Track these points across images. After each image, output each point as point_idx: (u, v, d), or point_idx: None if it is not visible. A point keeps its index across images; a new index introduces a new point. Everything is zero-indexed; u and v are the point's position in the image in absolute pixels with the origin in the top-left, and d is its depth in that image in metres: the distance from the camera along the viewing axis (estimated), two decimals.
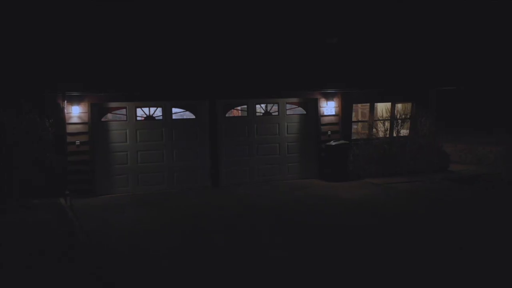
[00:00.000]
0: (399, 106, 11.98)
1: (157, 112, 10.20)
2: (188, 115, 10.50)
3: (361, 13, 12.29)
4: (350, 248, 5.97)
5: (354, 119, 11.76)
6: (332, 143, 10.86)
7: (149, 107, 10.15)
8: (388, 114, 11.84)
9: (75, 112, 9.43)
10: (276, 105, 11.04)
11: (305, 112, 11.25)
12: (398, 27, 12.30)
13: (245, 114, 11.02)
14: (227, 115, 10.77)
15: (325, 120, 11.19)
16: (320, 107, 11.13)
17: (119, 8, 10.06)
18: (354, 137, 11.59)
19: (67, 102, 9.24)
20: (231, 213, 8.15)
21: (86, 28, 9.67)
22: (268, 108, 11.03)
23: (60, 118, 9.25)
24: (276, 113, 11.06)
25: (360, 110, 12.45)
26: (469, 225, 7.03)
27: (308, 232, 6.78)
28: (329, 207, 8.44)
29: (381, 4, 12.50)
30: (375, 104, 11.85)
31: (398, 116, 11.85)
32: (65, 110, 9.27)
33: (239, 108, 11.13)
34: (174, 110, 10.30)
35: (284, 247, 6.06)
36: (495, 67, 13.60)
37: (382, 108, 11.98)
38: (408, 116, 11.92)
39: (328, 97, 11.12)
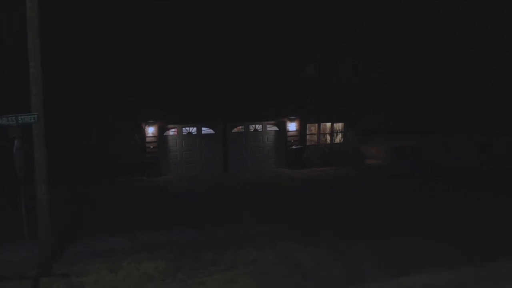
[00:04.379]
0: (336, 124, 19.75)
1: (193, 130, 18.01)
2: (211, 131, 18.28)
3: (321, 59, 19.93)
4: (287, 191, 13.76)
5: (308, 132, 19.50)
6: (294, 147, 18.61)
7: (189, 127, 17.95)
8: (329, 129, 19.64)
9: (150, 130, 17.27)
10: (261, 125, 18.82)
11: (278, 129, 19.02)
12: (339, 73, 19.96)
13: (242, 130, 18.76)
14: (232, 131, 18.54)
15: (290, 133, 18.96)
16: (287, 126, 18.88)
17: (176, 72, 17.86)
18: (308, 143, 19.31)
19: (146, 125, 17.14)
20: (235, 183, 15.92)
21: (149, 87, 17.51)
22: (256, 127, 18.81)
23: (142, 134, 17.14)
24: (261, 130, 18.84)
25: (317, 125, 20.11)
26: (351, 184, 14.79)
27: (271, 189, 14.59)
28: (285, 179, 16.21)
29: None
30: (321, 123, 19.61)
31: (335, 131, 19.63)
32: (145, 129, 17.17)
33: (239, 126, 18.88)
34: (203, 128, 18.11)
35: (258, 193, 13.87)
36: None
37: (326, 125, 19.76)
38: (341, 131, 19.70)
39: (292, 120, 18.89)
